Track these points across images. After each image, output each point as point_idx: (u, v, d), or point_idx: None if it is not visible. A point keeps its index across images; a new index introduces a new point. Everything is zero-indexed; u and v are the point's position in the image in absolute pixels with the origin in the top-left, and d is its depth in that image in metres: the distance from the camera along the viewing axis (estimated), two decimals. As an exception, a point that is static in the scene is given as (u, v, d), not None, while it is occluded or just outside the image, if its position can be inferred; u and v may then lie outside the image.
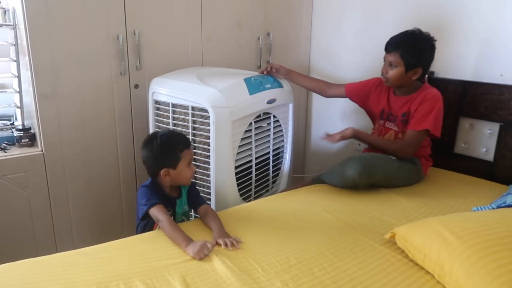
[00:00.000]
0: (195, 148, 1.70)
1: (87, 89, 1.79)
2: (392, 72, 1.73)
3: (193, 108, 1.65)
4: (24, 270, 1.10)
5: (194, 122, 1.67)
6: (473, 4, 1.84)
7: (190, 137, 1.68)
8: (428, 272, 1.14)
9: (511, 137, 1.78)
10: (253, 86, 1.73)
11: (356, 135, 1.76)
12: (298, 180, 2.54)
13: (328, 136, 1.75)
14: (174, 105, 1.70)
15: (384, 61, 1.77)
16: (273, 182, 2.02)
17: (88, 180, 1.88)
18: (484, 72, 1.85)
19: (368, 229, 1.39)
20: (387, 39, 1.75)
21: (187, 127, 1.68)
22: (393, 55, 1.71)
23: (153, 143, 1.40)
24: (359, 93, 1.96)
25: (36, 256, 1.16)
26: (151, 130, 1.81)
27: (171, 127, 1.73)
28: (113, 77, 1.84)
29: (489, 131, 1.85)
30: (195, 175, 1.73)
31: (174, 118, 1.72)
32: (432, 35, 1.71)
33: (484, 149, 1.88)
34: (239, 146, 1.71)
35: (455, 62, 1.93)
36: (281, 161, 2.03)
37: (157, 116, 1.78)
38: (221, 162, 1.65)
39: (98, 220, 1.95)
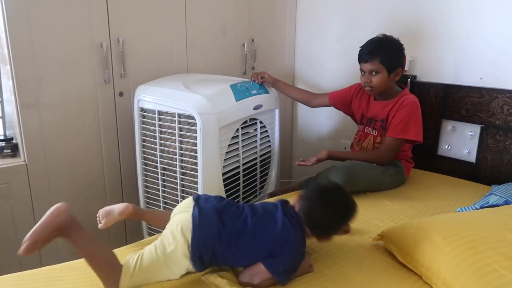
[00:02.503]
0: (182, 155, 1.69)
1: (70, 98, 1.77)
2: (376, 79, 1.76)
3: (179, 115, 1.64)
4: (9, 284, 1.08)
5: (180, 129, 1.66)
6: (451, 10, 1.88)
7: (177, 144, 1.67)
8: (415, 274, 1.16)
9: (492, 138, 1.82)
10: (239, 92, 1.74)
11: (331, 156, 1.79)
12: (285, 185, 2.55)
13: (303, 161, 1.77)
14: (160, 113, 1.69)
15: (363, 72, 1.79)
16: (261, 187, 2.02)
17: (73, 190, 1.85)
18: (464, 75, 1.89)
19: (356, 232, 1.40)
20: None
21: (174, 134, 1.68)
22: (373, 63, 1.74)
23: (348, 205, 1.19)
24: (343, 101, 1.99)
25: (20, 269, 1.14)
26: (137, 139, 1.80)
27: (157, 134, 1.72)
28: (97, 85, 1.82)
29: (470, 133, 1.89)
30: (183, 182, 1.72)
31: (160, 126, 1.71)
32: (401, 35, 1.77)
33: (467, 151, 1.93)
34: (227, 152, 1.71)
35: (435, 66, 1.98)
36: (269, 167, 2.03)
37: (143, 124, 1.77)
38: (208, 168, 1.64)
39: (83, 230, 1.92)
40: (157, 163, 1.77)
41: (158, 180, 1.79)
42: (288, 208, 1.18)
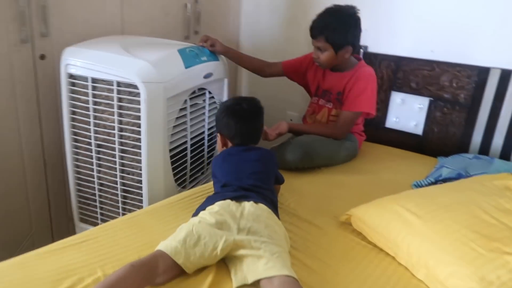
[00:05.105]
0: (121, 130, 1.47)
1: (-24, 60, 1.43)
2: (323, 57, 1.68)
3: (119, 84, 1.41)
4: None
5: (120, 100, 1.43)
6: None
7: (115, 117, 1.45)
8: (388, 254, 1.12)
9: (439, 111, 1.85)
10: (189, 59, 1.54)
11: (290, 129, 1.71)
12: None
13: (264, 135, 1.62)
14: (94, 80, 1.44)
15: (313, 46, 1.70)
16: (208, 163, 1.87)
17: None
18: (416, 47, 1.88)
19: (318, 213, 1.32)
20: (320, 11, 1.66)
21: (112, 106, 1.44)
22: (319, 41, 1.65)
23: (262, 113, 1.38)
24: (297, 70, 1.89)
25: None
26: (64, 110, 1.53)
27: (91, 106, 1.47)
28: (11, 46, 1.50)
29: (419, 106, 1.91)
30: (122, 161, 1.51)
31: (94, 96, 1.46)
32: (355, 5, 1.65)
33: (414, 123, 1.95)
34: (174, 126, 1.53)
35: (388, 38, 1.96)
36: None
37: (73, 94, 1.50)
38: (154, 145, 1.45)
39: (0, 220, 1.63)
40: (90, 139, 1.52)
41: (92, 158, 1.55)
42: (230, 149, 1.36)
